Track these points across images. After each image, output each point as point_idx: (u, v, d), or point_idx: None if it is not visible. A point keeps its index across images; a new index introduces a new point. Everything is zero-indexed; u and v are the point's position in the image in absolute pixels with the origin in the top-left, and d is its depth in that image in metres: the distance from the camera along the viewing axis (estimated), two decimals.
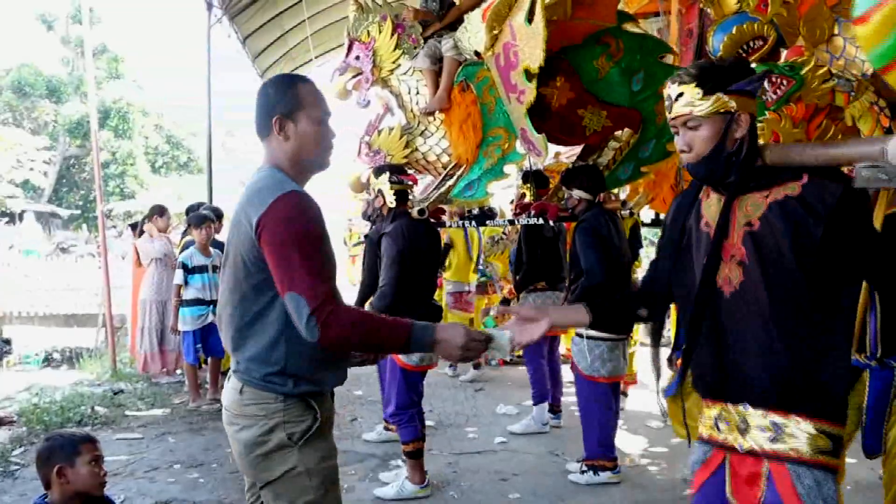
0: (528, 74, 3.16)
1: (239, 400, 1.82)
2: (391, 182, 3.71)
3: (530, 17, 3.07)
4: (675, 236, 1.89)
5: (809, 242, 1.59)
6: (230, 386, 1.87)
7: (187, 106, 25.53)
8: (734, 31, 3.10)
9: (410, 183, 3.88)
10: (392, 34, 3.92)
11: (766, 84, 3.03)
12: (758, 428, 1.66)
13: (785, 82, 2.97)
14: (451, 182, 3.99)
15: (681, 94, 1.71)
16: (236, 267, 1.79)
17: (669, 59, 4.12)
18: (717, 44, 3.20)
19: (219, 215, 6.63)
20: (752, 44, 3.10)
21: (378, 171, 3.78)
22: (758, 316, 1.65)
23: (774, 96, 3.00)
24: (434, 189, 4.03)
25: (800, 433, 1.62)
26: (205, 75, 8.83)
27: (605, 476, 3.96)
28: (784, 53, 3.28)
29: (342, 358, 1.93)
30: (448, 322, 1.90)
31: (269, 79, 1.97)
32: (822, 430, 1.61)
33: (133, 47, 26.56)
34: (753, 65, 3.08)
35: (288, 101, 1.84)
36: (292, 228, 1.70)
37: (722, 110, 1.66)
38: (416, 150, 4.05)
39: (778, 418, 1.63)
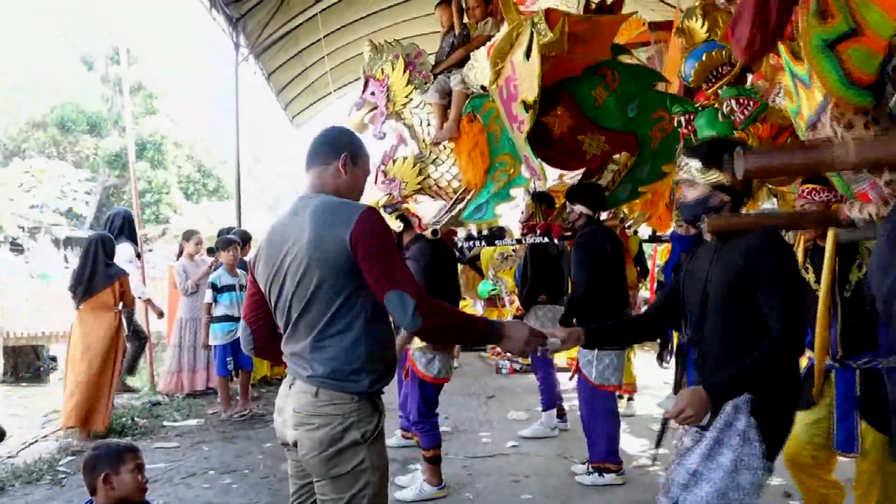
0: (526, 106, 3.19)
1: (314, 402, 1.86)
2: (388, 213, 3.83)
3: (528, 54, 3.11)
4: None
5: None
6: (299, 390, 1.90)
7: (217, 136, 25.88)
8: (704, 58, 3.17)
9: (406, 205, 3.99)
10: (404, 71, 3.98)
11: (734, 105, 3.11)
12: None
13: (751, 104, 3.03)
14: (461, 206, 4.02)
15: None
16: (319, 282, 1.84)
17: (661, 86, 4.16)
18: (688, 70, 3.26)
19: (245, 239, 6.68)
20: (720, 69, 3.16)
21: None
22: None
23: (742, 117, 3.06)
24: (446, 212, 4.06)
25: None
26: (233, 108, 8.96)
27: (609, 478, 3.94)
28: (750, 78, 3.32)
29: (395, 362, 2.03)
30: (513, 321, 2.06)
31: (339, 126, 2.17)
32: None
33: (167, 84, 26.78)
34: (722, 88, 3.14)
35: (356, 146, 2.04)
36: (385, 237, 1.86)
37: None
38: (429, 176, 4.09)
39: None
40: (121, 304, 5.00)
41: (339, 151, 1.98)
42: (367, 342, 1.86)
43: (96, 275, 4.85)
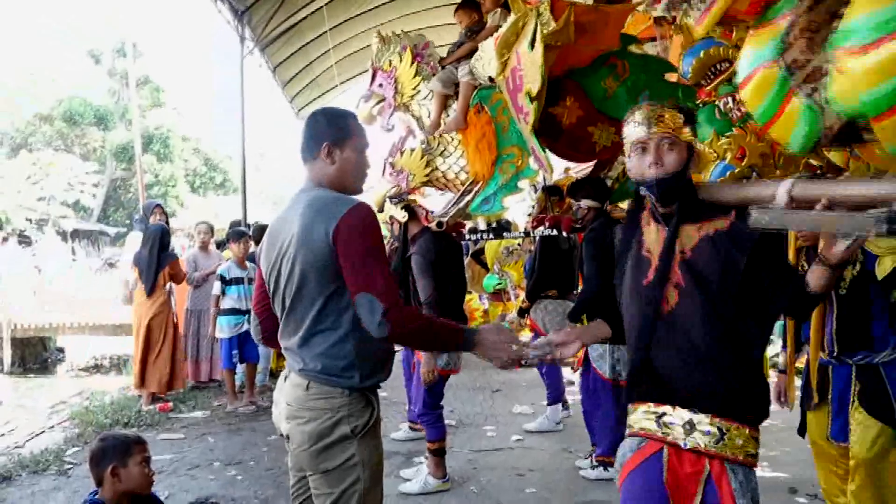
0: (530, 97, 3.13)
1: (304, 395, 1.84)
2: (394, 204, 3.81)
3: (532, 44, 3.05)
4: (622, 260, 1.98)
5: (734, 271, 1.68)
6: (292, 383, 1.89)
7: (223, 130, 25.86)
8: (702, 55, 3.12)
9: (412, 197, 3.98)
10: (412, 63, 3.93)
11: (731, 102, 3.04)
12: (702, 431, 1.73)
13: None
14: (469, 197, 3.96)
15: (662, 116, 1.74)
16: (304, 277, 1.81)
17: (672, 77, 4.09)
18: (686, 67, 3.20)
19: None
20: (718, 66, 3.10)
21: (380, 209, 3.89)
22: (691, 332, 1.73)
23: (739, 113, 3.01)
24: (453, 204, 4.01)
25: (738, 438, 1.71)
26: (239, 102, 8.92)
27: (613, 471, 3.91)
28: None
29: (391, 356, 1.99)
30: (491, 325, 2.01)
31: (320, 109, 2.05)
32: (754, 437, 1.73)
33: (173, 77, 26.78)
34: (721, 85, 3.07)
35: (338, 130, 1.93)
36: (367, 235, 1.78)
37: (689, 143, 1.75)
38: (437, 168, 4.04)
39: (723, 424, 1.71)
40: (170, 284, 5.96)
41: (320, 142, 1.91)
42: (356, 339, 1.81)
43: (158, 264, 5.74)
